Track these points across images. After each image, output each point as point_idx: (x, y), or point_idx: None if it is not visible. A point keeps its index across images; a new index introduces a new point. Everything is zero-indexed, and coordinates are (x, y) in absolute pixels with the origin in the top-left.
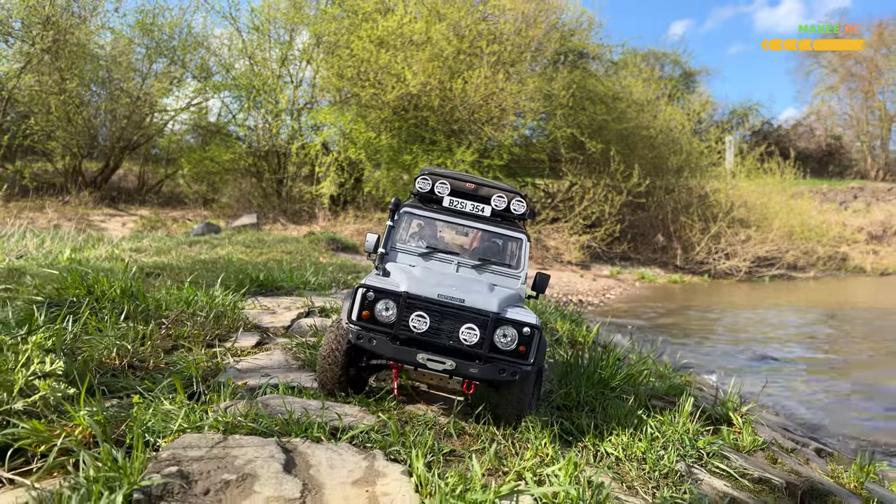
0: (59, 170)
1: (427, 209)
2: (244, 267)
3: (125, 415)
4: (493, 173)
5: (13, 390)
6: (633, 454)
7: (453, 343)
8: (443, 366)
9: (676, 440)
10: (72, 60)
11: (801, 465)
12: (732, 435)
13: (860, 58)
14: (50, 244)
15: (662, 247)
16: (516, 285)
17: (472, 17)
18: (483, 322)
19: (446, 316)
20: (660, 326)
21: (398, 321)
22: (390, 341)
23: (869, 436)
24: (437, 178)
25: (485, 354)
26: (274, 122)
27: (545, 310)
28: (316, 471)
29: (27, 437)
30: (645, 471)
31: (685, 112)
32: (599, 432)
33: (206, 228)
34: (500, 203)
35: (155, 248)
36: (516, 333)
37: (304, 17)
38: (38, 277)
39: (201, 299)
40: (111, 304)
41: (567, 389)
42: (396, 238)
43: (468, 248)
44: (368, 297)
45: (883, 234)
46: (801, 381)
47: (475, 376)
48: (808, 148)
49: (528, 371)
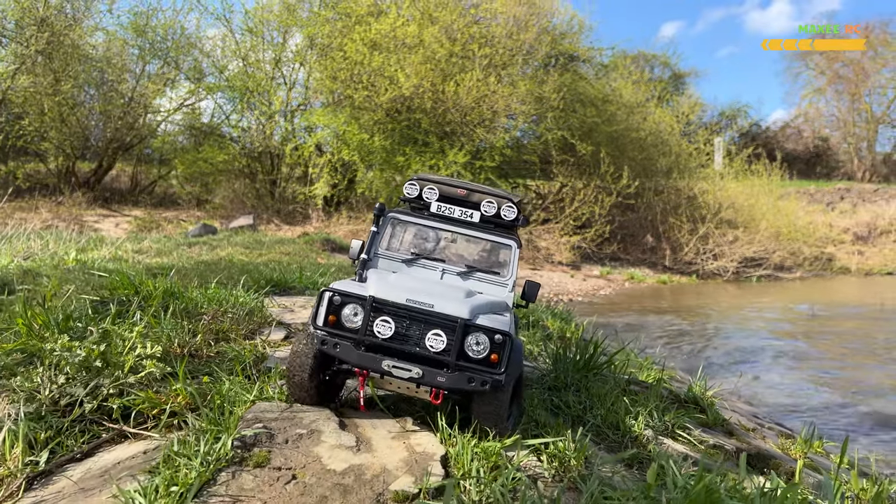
0: (52, 170)
1: (413, 215)
2: (246, 267)
3: (207, 388)
4: (484, 174)
5: (125, 368)
6: (609, 423)
7: (420, 350)
8: (409, 373)
9: (646, 414)
10: (66, 62)
11: (755, 440)
12: (697, 414)
13: (847, 60)
14: (54, 246)
15: (652, 247)
16: (503, 293)
17: (463, 21)
18: (451, 328)
19: (414, 321)
20: (647, 325)
21: (363, 326)
22: (355, 347)
23: (832, 421)
24: (426, 183)
25: (452, 362)
26: (267, 124)
27: (535, 309)
28: (363, 429)
29: (142, 403)
30: (619, 434)
31: (674, 114)
32: (583, 407)
33: (204, 230)
34: (489, 209)
35: (156, 250)
36: (488, 341)
37: (298, 19)
38: (52, 279)
39: (230, 298)
40: (155, 302)
41: (557, 374)
42: (380, 244)
43: (455, 255)
44: (335, 302)
45: (868, 234)
46: (776, 375)
47: (443, 385)
48: (796, 149)
49: (499, 381)
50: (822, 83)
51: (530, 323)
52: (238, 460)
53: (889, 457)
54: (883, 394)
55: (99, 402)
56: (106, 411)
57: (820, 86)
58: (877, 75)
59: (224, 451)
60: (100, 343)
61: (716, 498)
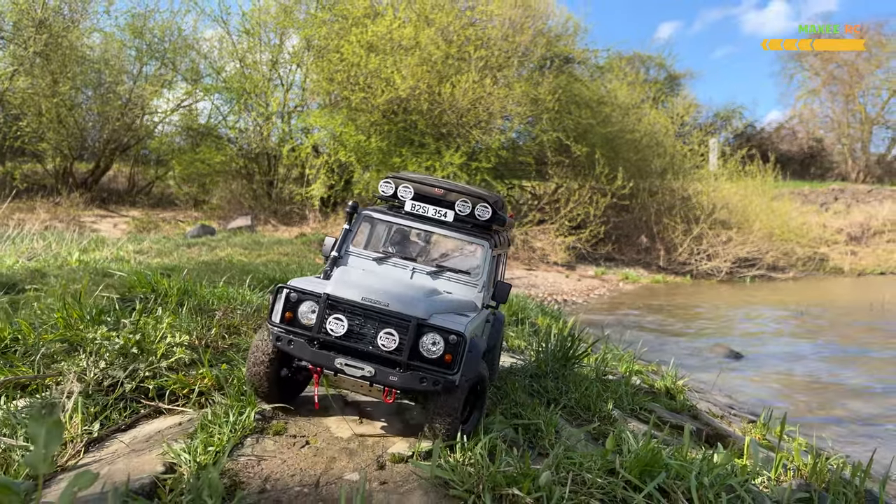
0: (49, 171)
1: (387, 213)
2: (247, 268)
3: (227, 374)
4: (480, 175)
5: (158, 354)
6: (582, 405)
7: (374, 349)
8: (361, 371)
9: (616, 398)
10: (64, 63)
11: (718, 423)
12: (668, 400)
13: (842, 61)
14: (56, 247)
15: (646, 248)
16: (472, 293)
17: (459, 23)
18: (404, 327)
19: (369, 320)
20: (638, 323)
21: (317, 324)
22: (308, 344)
23: (803, 413)
24: (401, 181)
25: (404, 361)
26: (265, 125)
27: (526, 306)
28: (364, 406)
29: (174, 384)
30: (589, 414)
31: (669, 115)
32: (559, 392)
33: (202, 230)
34: (463, 208)
35: (156, 250)
36: (443, 341)
37: (294, 21)
38: (60, 279)
39: (238, 296)
40: (172, 300)
41: (538, 363)
42: (351, 242)
43: (429, 254)
44: (291, 299)
45: (862, 235)
46: (758, 371)
47: (394, 384)
48: (791, 150)
49: (452, 381)
50: (817, 84)
51: (519, 320)
52: (260, 430)
53: (850, 440)
54: (858, 388)
55: (136, 383)
56: (143, 391)
57: (814, 87)
58: (871, 76)
59: (248, 421)
60: (134, 333)
61: (658, 458)
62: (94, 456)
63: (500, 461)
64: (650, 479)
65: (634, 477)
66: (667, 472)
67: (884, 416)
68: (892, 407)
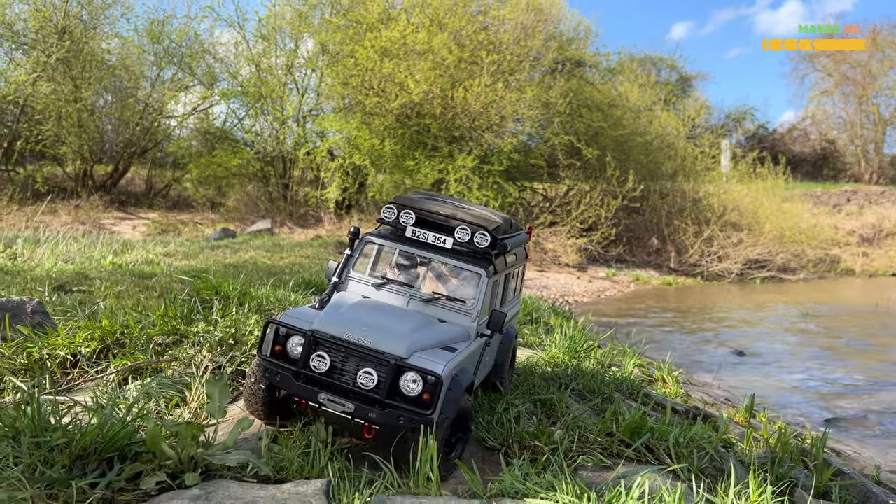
0: (69, 174)
1: (387, 238)
2: (272, 270)
3: None
4: (493, 178)
5: (249, 344)
6: (588, 388)
7: (354, 387)
8: (342, 408)
9: (617, 383)
10: (84, 69)
11: (706, 408)
12: (663, 388)
13: (854, 62)
14: (89, 250)
15: (657, 249)
16: (466, 321)
17: (472, 27)
18: (384, 365)
19: (351, 356)
20: (648, 323)
21: (301, 360)
22: (294, 378)
23: (795, 406)
24: (403, 207)
25: (382, 400)
26: (280, 129)
27: (539, 306)
28: None
29: None
30: (594, 396)
31: (680, 117)
32: (569, 378)
33: (223, 233)
34: (462, 235)
35: (182, 253)
36: (422, 380)
37: (310, 26)
38: (104, 281)
39: (288, 297)
40: (235, 300)
41: (551, 356)
42: (352, 267)
43: (427, 280)
44: (280, 333)
45: (874, 236)
46: (760, 368)
47: (373, 421)
48: (803, 151)
49: (429, 420)
50: (830, 85)
51: (534, 319)
52: None
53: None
54: (852, 386)
55: (235, 367)
56: (240, 373)
57: (827, 88)
58: (884, 77)
59: None
60: (230, 327)
61: (645, 423)
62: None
63: (524, 424)
64: (638, 438)
65: (626, 437)
66: (651, 434)
67: (873, 411)
68: (877, 402)
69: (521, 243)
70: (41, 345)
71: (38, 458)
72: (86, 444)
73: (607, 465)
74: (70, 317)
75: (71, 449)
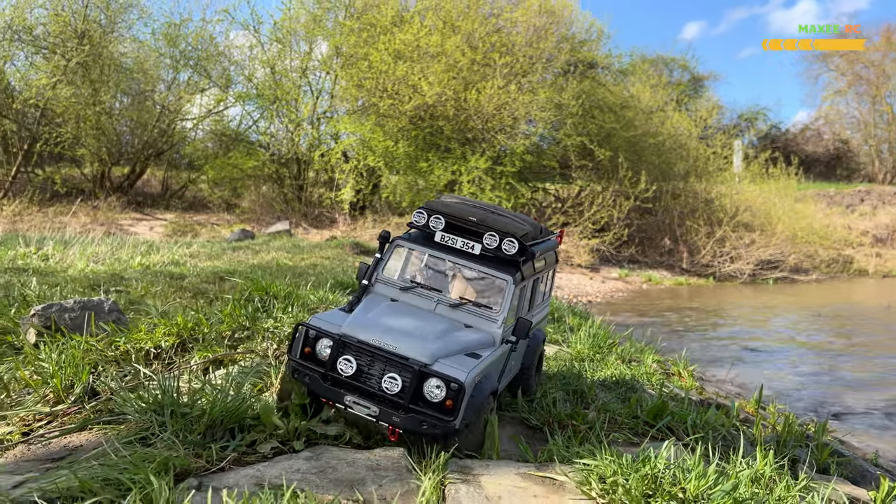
0: (86, 175)
1: (417, 243)
2: (296, 270)
3: None
4: (505, 179)
5: None
6: (611, 379)
7: (380, 391)
8: (367, 410)
9: (639, 375)
10: (103, 72)
11: (718, 399)
12: (679, 381)
13: (868, 62)
14: (117, 251)
15: (669, 250)
16: (492, 328)
17: (484, 29)
18: (409, 371)
19: (377, 360)
20: (661, 322)
21: (329, 363)
22: (322, 380)
23: (805, 401)
24: (434, 212)
25: (405, 405)
26: (295, 131)
27: (560, 306)
28: None
29: None
30: (617, 385)
31: (692, 118)
32: (594, 370)
33: (243, 235)
34: (491, 242)
35: (205, 254)
36: (445, 387)
37: (324, 29)
38: (140, 282)
39: (327, 297)
40: (284, 299)
41: (577, 350)
42: (382, 270)
43: (456, 285)
44: (310, 335)
45: (888, 237)
46: (770, 366)
47: (397, 425)
48: (816, 151)
49: (451, 427)
50: (843, 85)
51: (556, 318)
52: None
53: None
54: (857, 382)
55: None
56: None
57: (840, 87)
58: None
59: None
60: (294, 322)
61: (666, 407)
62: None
63: (560, 407)
64: (660, 419)
65: (650, 419)
66: (672, 417)
67: (880, 406)
68: (884, 398)
69: (550, 249)
70: (127, 339)
71: (179, 427)
72: (214, 417)
73: (634, 441)
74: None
75: (203, 420)
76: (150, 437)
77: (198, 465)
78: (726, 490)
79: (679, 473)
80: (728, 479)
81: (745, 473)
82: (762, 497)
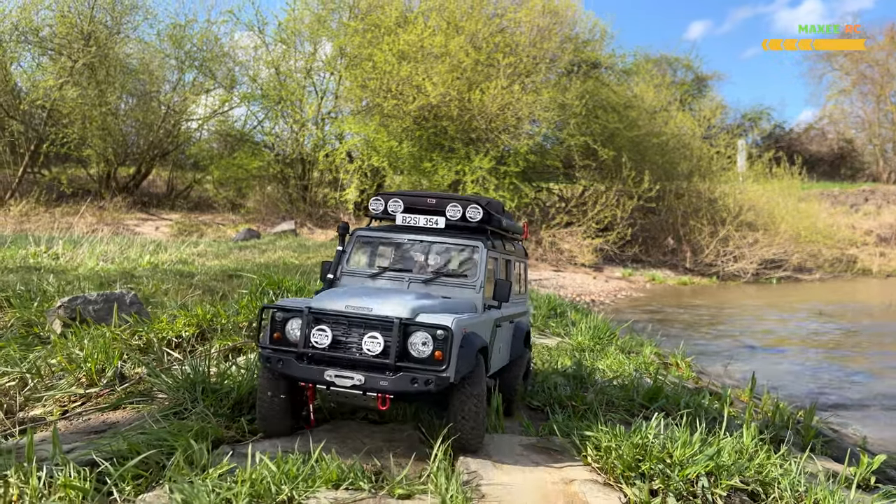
0: (92, 176)
1: (378, 230)
2: (303, 269)
3: None
4: (509, 179)
5: None
6: (611, 368)
7: (361, 356)
8: (351, 381)
9: (637, 365)
10: (109, 73)
11: (714, 388)
12: (677, 371)
13: (873, 61)
14: (125, 250)
15: (672, 249)
16: (471, 294)
17: (488, 29)
18: (389, 328)
19: (353, 327)
20: (664, 320)
21: (302, 338)
22: (297, 360)
23: (801, 394)
24: (390, 197)
25: (392, 364)
26: (300, 131)
27: (562, 302)
28: None
29: None
30: (616, 374)
31: (696, 118)
32: (594, 360)
33: (248, 234)
34: (454, 212)
35: (212, 253)
36: (431, 338)
37: (328, 30)
38: (151, 280)
39: None
40: (290, 293)
41: (578, 341)
42: (347, 262)
43: (425, 263)
44: (277, 318)
45: (892, 236)
46: (769, 361)
47: (386, 389)
48: (820, 151)
49: (445, 378)
50: (847, 84)
51: (557, 314)
52: None
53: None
54: (859, 377)
55: None
56: None
57: (845, 87)
58: None
59: None
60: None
61: (661, 390)
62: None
63: (561, 391)
64: (655, 402)
65: (645, 401)
66: (666, 400)
67: (876, 400)
68: (880, 392)
69: (515, 231)
70: (149, 328)
71: (209, 403)
72: (242, 394)
73: (629, 420)
74: (149, 308)
75: (232, 396)
76: (183, 412)
77: (229, 435)
78: (709, 455)
79: (668, 442)
80: (711, 447)
81: (727, 442)
82: (742, 463)
